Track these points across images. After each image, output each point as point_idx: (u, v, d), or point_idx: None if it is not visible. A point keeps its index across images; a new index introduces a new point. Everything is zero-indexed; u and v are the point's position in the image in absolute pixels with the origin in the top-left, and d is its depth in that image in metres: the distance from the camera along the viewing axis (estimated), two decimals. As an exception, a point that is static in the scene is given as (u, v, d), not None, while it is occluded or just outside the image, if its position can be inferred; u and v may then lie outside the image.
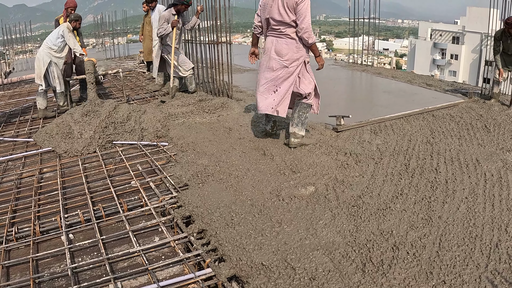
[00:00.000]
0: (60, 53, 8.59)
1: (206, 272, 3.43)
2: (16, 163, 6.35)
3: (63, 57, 8.68)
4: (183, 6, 8.74)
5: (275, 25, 5.66)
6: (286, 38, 5.64)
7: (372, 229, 3.89)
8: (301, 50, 5.68)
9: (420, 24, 64.92)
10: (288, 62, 5.68)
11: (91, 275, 3.58)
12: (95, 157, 6.29)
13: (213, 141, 6.40)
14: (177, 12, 8.77)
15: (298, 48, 5.66)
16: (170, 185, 5.03)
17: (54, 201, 4.96)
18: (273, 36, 5.78)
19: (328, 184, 4.84)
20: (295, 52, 5.66)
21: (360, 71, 12.17)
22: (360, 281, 3.23)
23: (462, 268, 3.31)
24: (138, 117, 7.21)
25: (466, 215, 4.06)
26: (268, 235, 3.84)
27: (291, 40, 5.63)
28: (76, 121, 6.83)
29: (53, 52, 8.50)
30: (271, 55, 5.77)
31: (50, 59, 8.50)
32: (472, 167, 5.17)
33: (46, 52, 8.51)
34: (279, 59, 5.71)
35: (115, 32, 20.72)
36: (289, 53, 5.66)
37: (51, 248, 3.97)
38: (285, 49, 5.66)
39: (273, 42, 5.77)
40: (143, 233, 4.18)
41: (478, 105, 7.81)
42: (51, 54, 8.50)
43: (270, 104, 5.87)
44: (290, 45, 5.64)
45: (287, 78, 5.74)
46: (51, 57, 8.50)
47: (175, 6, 8.70)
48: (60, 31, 8.47)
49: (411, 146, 5.90)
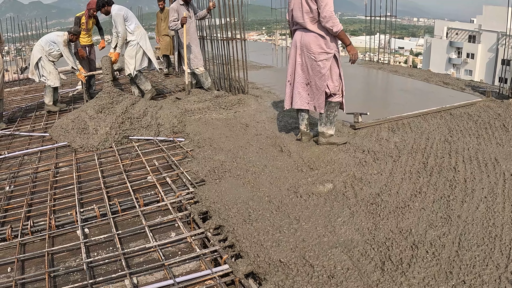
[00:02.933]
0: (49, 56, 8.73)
1: (223, 268, 3.41)
2: (32, 157, 6.38)
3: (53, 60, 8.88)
4: None
5: (299, 18, 5.54)
6: (313, 32, 5.50)
7: (391, 227, 3.85)
8: (330, 43, 5.51)
9: (436, 23, 64.52)
10: (317, 56, 5.53)
11: (107, 269, 3.57)
12: (111, 152, 6.30)
13: (229, 137, 6.38)
14: (185, 2, 8.75)
15: (326, 42, 5.50)
16: (186, 181, 5.01)
17: (70, 195, 4.98)
18: (300, 30, 5.65)
19: (346, 181, 4.80)
20: (324, 45, 5.50)
21: (376, 69, 12.08)
22: (379, 279, 3.19)
23: (482, 268, 3.26)
24: (155, 112, 7.21)
25: (485, 215, 4.00)
26: (286, 232, 3.81)
27: (317, 34, 5.49)
28: (91, 117, 6.84)
29: (44, 52, 8.66)
30: (300, 48, 5.64)
31: (40, 55, 8.64)
32: (491, 166, 5.10)
33: (38, 48, 8.68)
34: (308, 53, 5.57)
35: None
36: (318, 47, 5.51)
37: (66, 242, 3.97)
38: (313, 42, 5.51)
39: (301, 36, 5.63)
40: (159, 228, 4.17)
41: (496, 104, 7.72)
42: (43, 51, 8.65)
43: (305, 99, 5.80)
44: (317, 39, 5.50)
45: (319, 72, 5.58)
46: (42, 53, 8.62)
47: None
48: (54, 39, 8.62)
49: (429, 144, 5.84)
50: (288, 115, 7.34)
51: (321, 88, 5.64)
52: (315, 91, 5.68)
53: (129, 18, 8.53)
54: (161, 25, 12.45)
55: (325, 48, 5.51)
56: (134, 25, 8.60)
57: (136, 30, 8.61)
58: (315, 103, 5.75)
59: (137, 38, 8.65)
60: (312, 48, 5.52)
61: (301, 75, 5.73)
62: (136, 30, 8.62)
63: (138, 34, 8.67)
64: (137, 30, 8.63)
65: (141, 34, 8.72)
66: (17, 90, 12.83)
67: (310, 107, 5.82)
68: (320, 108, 5.74)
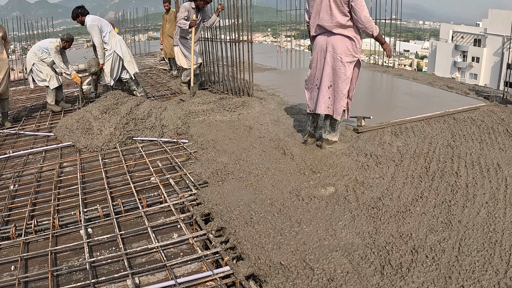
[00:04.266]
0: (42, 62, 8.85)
1: (224, 270, 3.43)
2: (36, 156, 6.42)
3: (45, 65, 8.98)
4: (201, 2, 8.75)
5: (327, 21, 5.47)
6: (340, 35, 5.46)
7: (392, 231, 3.87)
8: (356, 47, 5.51)
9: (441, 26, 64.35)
10: (344, 57, 5.48)
11: (109, 269, 3.60)
12: (115, 152, 6.33)
13: (233, 139, 6.40)
14: (196, 7, 8.79)
15: (353, 45, 5.49)
16: (189, 182, 5.03)
17: (74, 195, 5.00)
18: (325, 34, 5.60)
19: (348, 185, 4.82)
20: (351, 48, 5.49)
21: (381, 72, 12.08)
22: (379, 283, 3.21)
23: (481, 274, 3.27)
24: (159, 114, 7.24)
25: (486, 220, 4.01)
26: (287, 235, 3.83)
27: (345, 37, 5.46)
28: (96, 117, 6.87)
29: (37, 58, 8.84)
30: (327, 51, 5.57)
31: (34, 62, 8.83)
32: (493, 171, 5.11)
33: (31, 55, 8.88)
34: (334, 54, 5.51)
35: (136, 29, 20.81)
36: (345, 49, 5.47)
37: (69, 242, 4.00)
38: (341, 44, 5.47)
39: (327, 39, 5.57)
40: (162, 229, 4.19)
41: (499, 109, 7.72)
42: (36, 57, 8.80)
43: (326, 103, 5.76)
44: (345, 41, 5.46)
45: (343, 74, 5.54)
46: (35, 59, 8.73)
47: (195, 1, 8.72)
48: (46, 45, 8.75)
49: (432, 148, 5.85)
50: (291, 117, 7.36)
51: (343, 92, 5.62)
52: (337, 95, 5.65)
53: (102, 28, 8.60)
54: (166, 26, 12.49)
55: (352, 51, 5.50)
56: (108, 34, 8.68)
57: (111, 39, 8.70)
58: (334, 108, 5.71)
59: (112, 47, 8.73)
60: (339, 50, 5.47)
61: (327, 77, 5.65)
62: (111, 39, 8.71)
63: (113, 42, 8.75)
64: (111, 39, 8.73)
65: (115, 41, 8.80)
66: (23, 89, 12.85)
67: (329, 111, 5.78)
68: (338, 114, 5.70)
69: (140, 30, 21.24)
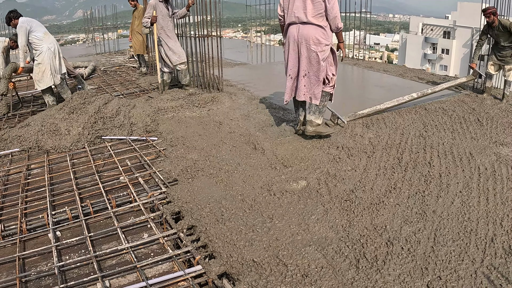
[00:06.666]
0: None
1: (196, 269, 3.37)
2: (3, 159, 6.25)
3: None
4: None
5: (301, 13, 5.63)
6: (311, 24, 5.62)
7: (366, 224, 3.83)
8: (327, 35, 5.68)
9: (411, 19, 64.97)
10: (316, 46, 5.62)
11: (79, 273, 3.51)
12: (83, 152, 6.20)
13: (203, 135, 6.32)
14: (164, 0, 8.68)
15: (324, 33, 5.65)
16: (159, 180, 4.96)
17: (42, 197, 4.88)
18: (296, 25, 5.75)
19: (320, 178, 4.78)
20: (323, 37, 5.63)
21: (351, 65, 12.10)
22: (354, 277, 3.17)
23: (457, 264, 3.26)
24: (127, 111, 7.13)
25: (460, 210, 4.01)
26: (259, 231, 3.77)
27: (316, 26, 5.62)
28: (63, 118, 6.73)
29: None
30: (299, 41, 5.71)
31: None
32: (465, 160, 5.12)
33: None
34: (307, 44, 5.65)
35: (105, 27, 20.57)
36: (316, 38, 5.61)
37: (38, 246, 3.90)
38: (312, 34, 5.61)
39: (298, 29, 5.72)
40: (132, 229, 4.11)
41: (470, 99, 7.77)
42: None
43: (302, 90, 5.86)
44: (316, 30, 5.62)
45: (317, 63, 5.66)
46: None
47: None
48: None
49: (404, 139, 5.84)
50: (262, 112, 7.30)
51: (319, 79, 5.72)
52: (313, 82, 5.76)
53: (34, 28, 8.33)
54: (135, 23, 12.34)
55: (324, 39, 5.64)
56: (42, 33, 8.40)
57: (45, 37, 8.42)
58: (311, 94, 5.82)
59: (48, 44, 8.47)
60: (311, 40, 5.62)
61: (302, 67, 5.78)
62: (45, 36, 8.43)
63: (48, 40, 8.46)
64: (46, 36, 8.44)
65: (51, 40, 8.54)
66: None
67: (306, 98, 5.87)
68: (316, 99, 5.80)
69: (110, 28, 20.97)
